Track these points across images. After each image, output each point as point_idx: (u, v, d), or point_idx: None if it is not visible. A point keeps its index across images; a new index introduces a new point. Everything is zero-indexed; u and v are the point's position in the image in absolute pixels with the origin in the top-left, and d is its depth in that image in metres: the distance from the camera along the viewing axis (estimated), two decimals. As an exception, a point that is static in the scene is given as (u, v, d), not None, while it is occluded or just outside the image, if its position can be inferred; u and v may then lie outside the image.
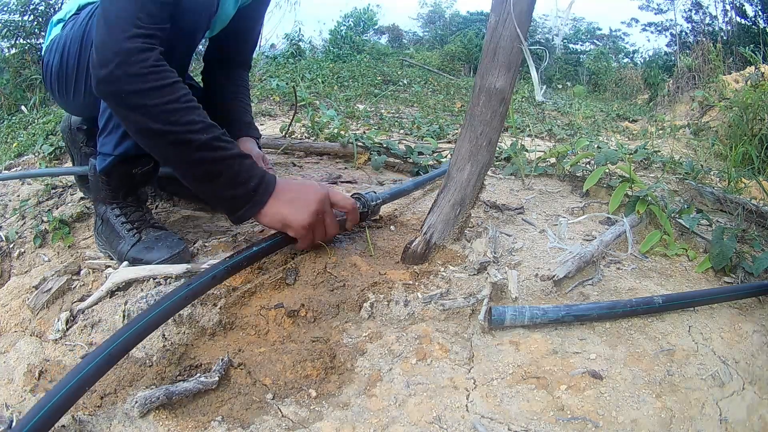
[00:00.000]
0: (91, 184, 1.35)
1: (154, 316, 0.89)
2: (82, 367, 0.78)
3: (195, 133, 1.00)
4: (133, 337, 0.86)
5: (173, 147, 1.02)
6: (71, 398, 0.76)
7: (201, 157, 1.02)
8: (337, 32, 11.65)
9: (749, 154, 2.85)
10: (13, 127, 3.74)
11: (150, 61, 0.97)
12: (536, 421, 0.82)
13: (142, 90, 0.97)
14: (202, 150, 1.01)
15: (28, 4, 5.98)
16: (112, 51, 0.96)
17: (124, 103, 0.99)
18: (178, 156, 1.03)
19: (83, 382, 0.77)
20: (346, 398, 0.88)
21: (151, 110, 0.98)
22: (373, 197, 1.36)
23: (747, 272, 1.28)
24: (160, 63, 0.99)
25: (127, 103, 0.99)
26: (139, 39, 0.97)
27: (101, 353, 0.80)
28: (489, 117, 1.13)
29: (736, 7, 15.14)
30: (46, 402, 0.73)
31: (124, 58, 0.96)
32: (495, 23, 1.08)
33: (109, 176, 1.28)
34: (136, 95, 0.97)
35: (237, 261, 1.07)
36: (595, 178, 1.67)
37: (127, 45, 0.96)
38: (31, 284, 1.28)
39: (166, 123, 0.99)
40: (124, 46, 0.96)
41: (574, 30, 20.09)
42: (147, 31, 0.98)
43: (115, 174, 1.27)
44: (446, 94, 5.84)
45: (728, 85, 4.96)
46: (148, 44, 0.98)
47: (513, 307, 1.03)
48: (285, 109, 3.49)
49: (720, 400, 0.89)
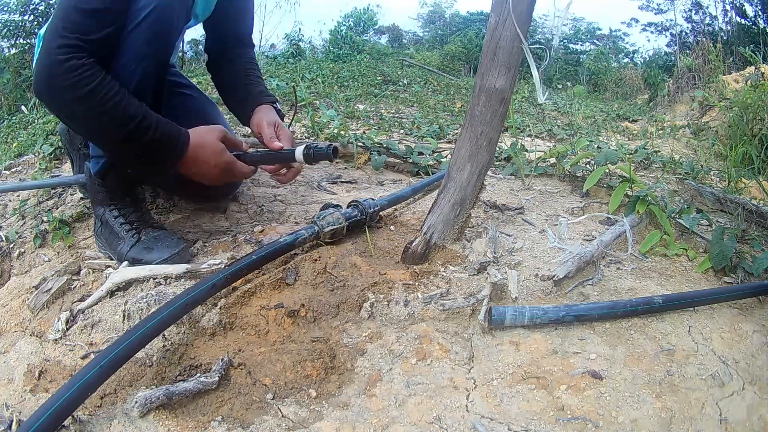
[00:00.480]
0: (88, 188, 1.37)
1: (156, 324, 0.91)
2: (83, 374, 0.79)
3: (115, 129, 1.09)
4: (134, 344, 0.87)
5: (100, 143, 1.20)
6: (73, 404, 0.77)
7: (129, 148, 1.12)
8: (337, 32, 11.65)
9: (749, 154, 2.85)
10: (13, 127, 3.73)
11: (73, 71, 1.02)
12: (536, 421, 0.82)
13: (72, 98, 1.05)
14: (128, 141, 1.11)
15: (28, 4, 5.97)
16: (42, 63, 1.04)
17: (51, 108, 1.13)
18: (106, 147, 1.20)
19: (85, 389, 0.78)
20: (346, 398, 0.88)
21: (78, 116, 1.10)
22: (371, 204, 1.36)
23: (747, 272, 1.28)
24: (81, 70, 1.02)
25: (61, 106, 1.10)
26: (63, 48, 1.02)
27: (102, 360, 0.81)
28: (489, 117, 1.13)
29: (736, 7, 15.14)
30: (48, 407, 0.74)
31: (50, 68, 1.03)
32: (495, 23, 1.08)
33: (104, 178, 1.30)
34: (67, 101, 1.06)
35: (236, 269, 1.08)
36: (595, 178, 1.67)
37: (52, 58, 1.02)
38: (31, 284, 1.28)
39: (92, 128, 1.12)
40: (50, 59, 1.02)
41: (574, 30, 20.08)
42: (72, 42, 1.02)
43: (110, 175, 1.29)
44: (446, 94, 5.84)
45: (728, 85, 4.96)
46: (73, 52, 1.02)
47: (513, 307, 1.03)
48: (285, 109, 3.49)
49: (720, 400, 0.89)
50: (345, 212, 1.30)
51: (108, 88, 1.05)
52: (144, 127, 1.08)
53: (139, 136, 1.09)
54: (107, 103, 1.04)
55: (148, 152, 1.12)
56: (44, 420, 0.72)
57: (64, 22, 1.03)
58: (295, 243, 1.18)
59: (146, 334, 0.89)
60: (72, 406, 0.77)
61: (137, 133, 1.08)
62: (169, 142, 1.13)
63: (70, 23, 1.03)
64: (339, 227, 1.26)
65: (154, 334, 0.91)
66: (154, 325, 0.90)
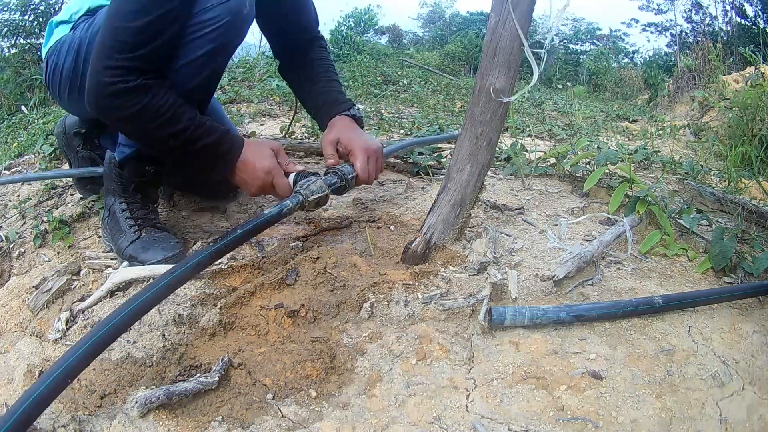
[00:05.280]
0: (105, 176, 1.39)
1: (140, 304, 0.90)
2: (67, 358, 0.78)
3: (171, 139, 1.12)
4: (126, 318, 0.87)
5: (156, 150, 1.25)
6: (56, 389, 0.76)
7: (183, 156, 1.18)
8: (338, 32, 11.64)
9: (749, 154, 2.85)
10: (13, 127, 3.74)
11: (121, 94, 1.05)
12: (536, 421, 0.82)
13: (117, 118, 1.11)
14: (181, 152, 1.16)
15: (28, 4, 5.97)
16: (90, 82, 1.07)
17: (108, 121, 1.19)
18: (162, 152, 1.25)
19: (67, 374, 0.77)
20: (346, 398, 0.88)
21: (128, 131, 1.21)
22: (349, 170, 1.33)
23: (747, 272, 1.28)
24: (124, 97, 1.06)
25: (110, 122, 1.18)
26: (109, 71, 1.04)
27: (85, 343, 0.81)
28: (489, 117, 1.13)
29: (736, 7, 15.14)
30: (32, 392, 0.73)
31: (98, 89, 1.07)
32: (495, 23, 1.08)
33: (122, 168, 1.32)
34: (114, 119, 1.13)
35: (221, 245, 1.06)
36: (595, 179, 1.66)
37: (99, 78, 1.06)
38: (31, 284, 1.28)
39: (144, 139, 1.18)
40: (97, 79, 1.06)
41: (574, 30, 20.10)
42: (119, 63, 1.04)
43: (129, 167, 1.32)
44: (446, 95, 5.83)
45: (728, 86, 4.95)
46: (119, 76, 1.05)
47: (513, 308, 1.03)
48: (285, 109, 3.49)
49: (720, 400, 0.89)
50: (326, 179, 1.27)
51: (156, 107, 1.08)
52: (195, 137, 1.13)
53: (193, 142, 1.13)
54: (155, 121, 1.09)
55: (202, 157, 1.17)
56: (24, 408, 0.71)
57: (111, 41, 1.05)
58: (281, 214, 1.16)
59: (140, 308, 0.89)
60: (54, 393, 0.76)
61: (188, 143, 1.13)
62: (221, 146, 1.17)
63: (117, 42, 1.05)
64: (323, 195, 1.24)
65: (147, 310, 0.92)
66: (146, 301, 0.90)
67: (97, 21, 1.31)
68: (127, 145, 1.31)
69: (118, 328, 0.86)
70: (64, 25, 1.39)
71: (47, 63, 1.41)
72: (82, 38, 1.32)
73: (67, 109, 1.56)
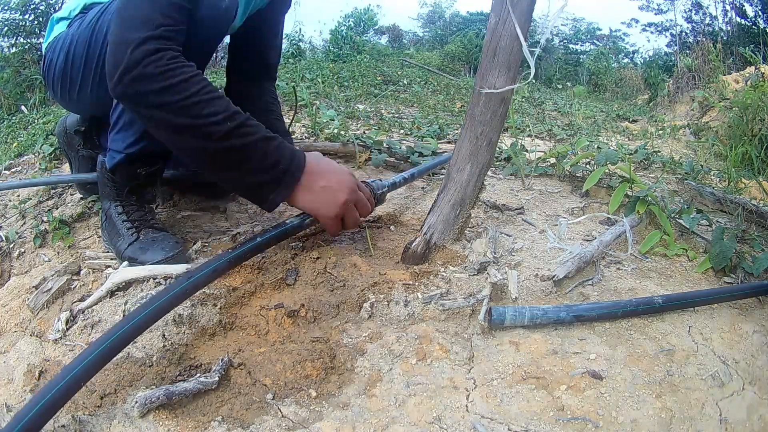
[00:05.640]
0: (98, 181, 1.37)
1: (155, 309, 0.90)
2: (80, 362, 0.78)
3: (218, 124, 1.00)
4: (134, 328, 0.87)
5: (197, 139, 1.02)
6: (68, 394, 0.76)
7: (226, 146, 1.02)
8: (338, 32, 11.64)
9: (749, 154, 2.85)
10: (13, 127, 3.74)
11: (164, 60, 0.98)
12: (536, 421, 0.82)
13: (161, 89, 0.97)
14: (226, 139, 1.01)
15: (28, 4, 5.97)
16: (127, 53, 0.97)
17: (143, 102, 1.00)
18: (203, 147, 1.03)
19: (79, 378, 0.77)
20: (346, 398, 0.88)
21: (172, 106, 0.98)
22: (379, 185, 1.36)
23: (747, 272, 1.28)
24: (174, 60, 0.99)
25: (147, 102, 0.99)
26: (152, 41, 0.98)
27: (98, 347, 0.81)
28: (489, 117, 1.13)
29: (736, 7, 15.15)
30: (41, 397, 0.72)
31: (139, 59, 0.96)
32: (495, 23, 1.08)
33: (114, 173, 1.30)
34: (155, 94, 0.98)
35: (240, 252, 1.06)
36: (595, 179, 1.67)
37: (142, 47, 0.97)
38: (31, 284, 1.28)
39: (188, 116, 0.99)
40: (138, 48, 0.97)
41: (574, 30, 20.09)
42: (160, 32, 0.99)
43: (120, 172, 1.30)
44: (446, 94, 5.83)
45: (728, 86, 4.96)
46: (162, 45, 0.98)
47: (513, 308, 1.03)
48: (285, 109, 3.49)
49: (720, 400, 0.89)
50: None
51: (205, 82, 1.01)
52: (250, 126, 1.04)
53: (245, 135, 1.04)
54: (203, 94, 1.00)
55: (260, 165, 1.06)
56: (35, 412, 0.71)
57: (153, 13, 0.99)
58: (303, 225, 1.16)
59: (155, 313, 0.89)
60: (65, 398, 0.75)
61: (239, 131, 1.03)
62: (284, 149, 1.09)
63: (160, 14, 1.00)
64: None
65: (163, 314, 0.91)
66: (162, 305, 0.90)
67: (89, 18, 1.31)
68: (116, 150, 1.27)
69: (133, 331, 0.86)
70: (64, 22, 1.40)
71: (44, 59, 1.42)
72: (72, 35, 1.32)
73: (61, 104, 1.56)
